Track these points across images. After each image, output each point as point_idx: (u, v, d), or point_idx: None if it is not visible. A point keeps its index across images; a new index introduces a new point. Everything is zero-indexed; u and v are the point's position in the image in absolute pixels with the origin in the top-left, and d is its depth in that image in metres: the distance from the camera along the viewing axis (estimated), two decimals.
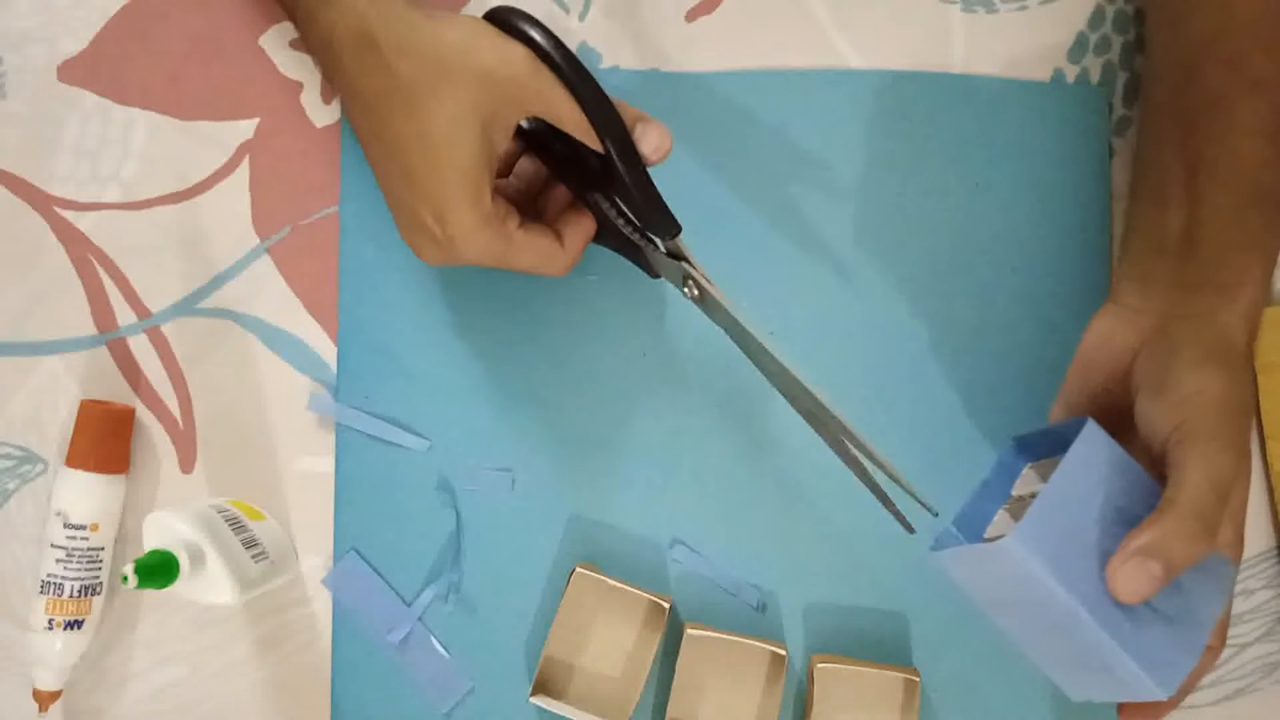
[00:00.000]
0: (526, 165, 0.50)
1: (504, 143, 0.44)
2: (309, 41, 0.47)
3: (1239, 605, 0.53)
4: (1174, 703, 0.44)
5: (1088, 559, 0.39)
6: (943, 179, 0.53)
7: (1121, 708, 0.46)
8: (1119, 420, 0.43)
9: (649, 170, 0.44)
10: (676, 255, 0.47)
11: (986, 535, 0.45)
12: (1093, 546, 0.39)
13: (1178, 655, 0.39)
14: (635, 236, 0.48)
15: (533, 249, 0.46)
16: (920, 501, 0.44)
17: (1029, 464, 0.46)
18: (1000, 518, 0.45)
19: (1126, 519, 0.39)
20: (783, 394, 0.46)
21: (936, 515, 0.44)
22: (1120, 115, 0.54)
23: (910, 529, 0.45)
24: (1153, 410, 0.41)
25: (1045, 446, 0.45)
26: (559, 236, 0.47)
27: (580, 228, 0.47)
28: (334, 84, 0.49)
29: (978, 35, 0.54)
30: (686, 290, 0.47)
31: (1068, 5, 0.54)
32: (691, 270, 0.47)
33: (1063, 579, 0.38)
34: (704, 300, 0.47)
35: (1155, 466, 0.41)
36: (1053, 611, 0.38)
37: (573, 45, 0.53)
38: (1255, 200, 0.43)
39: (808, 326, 0.53)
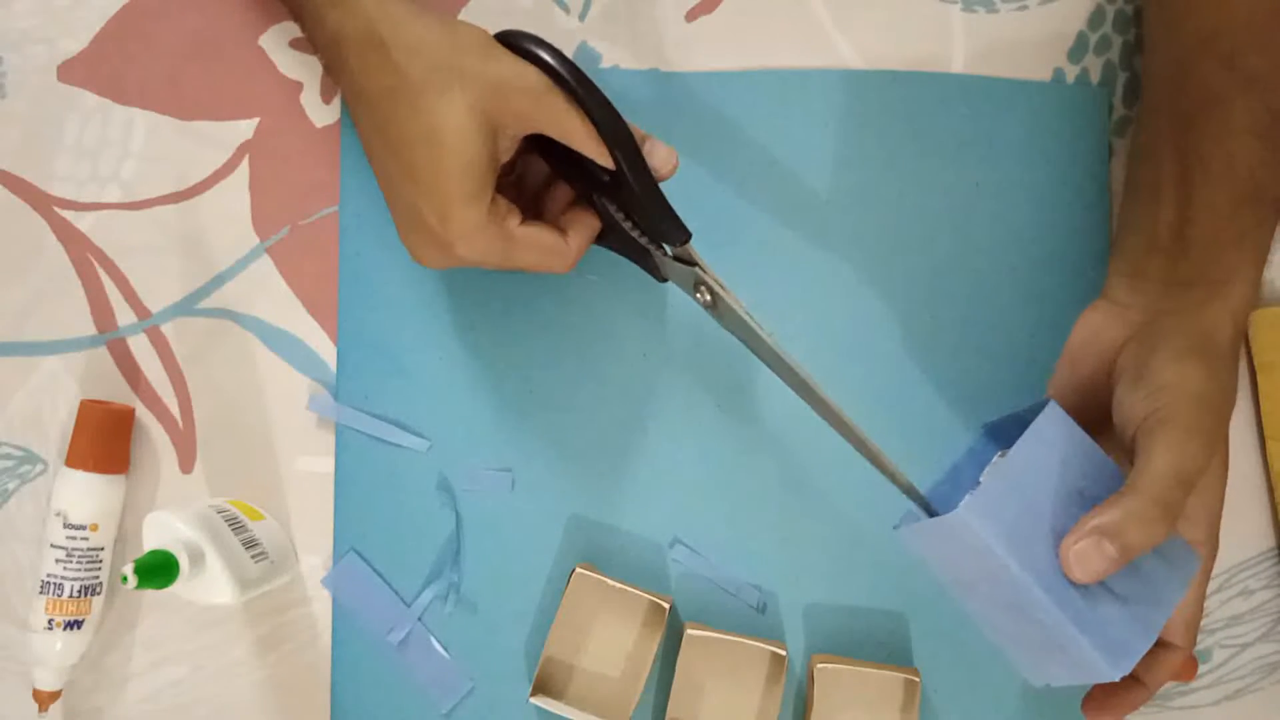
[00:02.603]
0: (528, 166, 0.50)
1: (509, 152, 0.45)
2: (314, 41, 0.47)
3: (1239, 605, 0.53)
4: (1142, 697, 0.44)
5: (1043, 536, 0.39)
6: (943, 179, 0.53)
7: (1084, 702, 0.46)
8: (1102, 414, 0.43)
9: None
10: (686, 260, 0.47)
11: None
12: (1049, 524, 0.39)
13: (1132, 637, 0.39)
14: (643, 240, 0.48)
15: (535, 245, 0.46)
16: (925, 505, 0.44)
17: (999, 451, 0.46)
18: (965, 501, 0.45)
19: (1087, 501, 0.40)
20: (797, 394, 0.46)
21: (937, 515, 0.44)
22: (1120, 115, 0.54)
23: (934, 513, 0.44)
24: (1129, 398, 0.41)
25: (1015, 433, 0.45)
26: (562, 233, 0.47)
27: (584, 224, 0.47)
28: (339, 83, 0.49)
29: (978, 35, 0.54)
30: (699, 296, 0.47)
31: (1068, 5, 0.54)
32: (704, 275, 0.46)
33: (1014, 552, 0.38)
34: (716, 306, 0.46)
35: (1127, 456, 0.41)
36: (1008, 589, 0.39)
37: (573, 45, 0.53)
38: (1248, 198, 0.44)
39: (806, 326, 0.53)
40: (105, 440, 0.51)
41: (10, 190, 0.53)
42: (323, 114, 0.54)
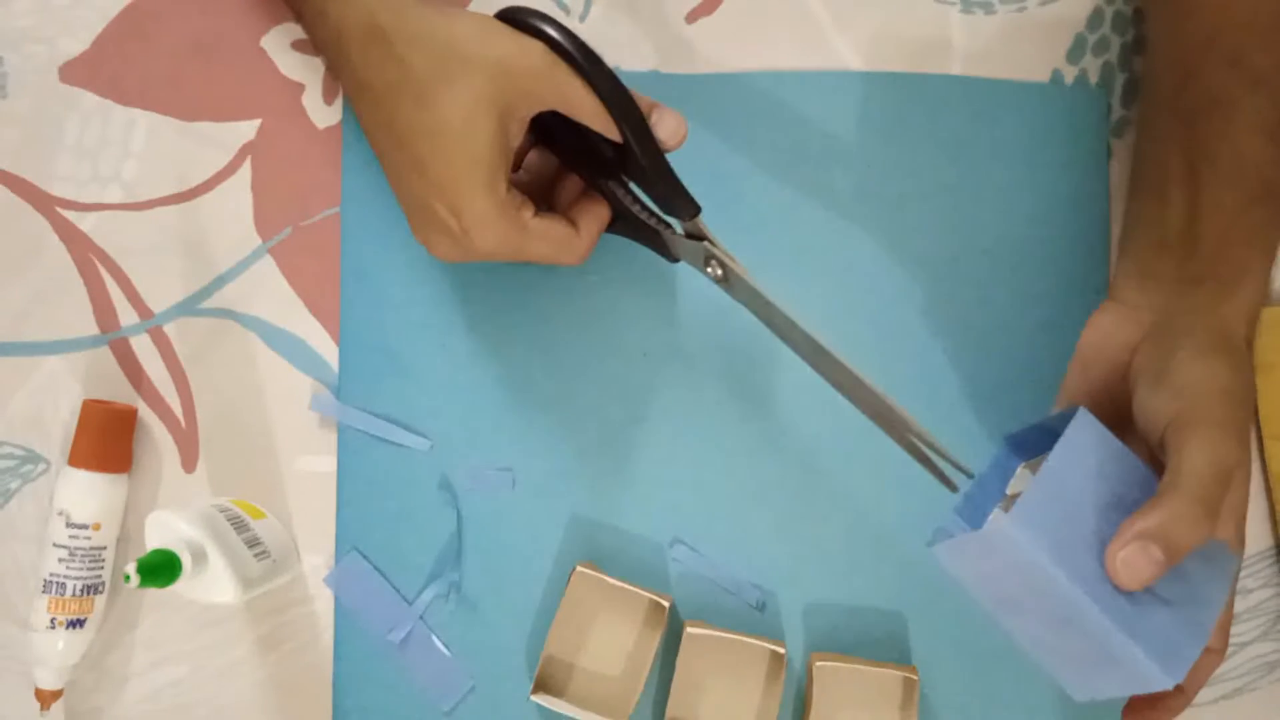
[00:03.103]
0: (537, 157, 0.50)
1: (519, 136, 0.44)
2: (316, 38, 0.47)
3: (1237, 605, 0.53)
4: (1181, 704, 0.44)
5: (1086, 544, 0.38)
6: (943, 179, 0.53)
7: (1124, 713, 0.45)
8: (1118, 417, 0.43)
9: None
10: (697, 236, 0.47)
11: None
12: (1090, 532, 0.38)
13: (1183, 642, 0.38)
14: (652, 221, 0.48)
15: (549, 237, 0.46)
16: (955, 464, 0.43)
17: (1023, 463, 0.46)
18: (996, 515, 0.45)
19: (1124, 506, 0.39)
20: (811, 366, 0.46)
21: (972, 477, 0.44)
22: (1119, 116, 0.54)
23: (953, 487, 0.44)
24: (1152, 400, 0.41)
25: (1039, 443, 0.45)
26: (574, 225, 0.47)
27: (595, 215, 0.47)
28: (341, 80, 0.49)
29: (977, 36, 0.54)
30: (709, 270, 0.47)
31: (1067, 6, 0.54)
32: (714, 249, 0.46)
33: (1061, 563, 0.37)
34: (727, 279, 0.47)
35: (1154, 459, 0.41)
36: (1053, 601, 0.38)
37: None
38: (1256, 196, 0.44)
39: (807, 326, 0.53)
40: (108, 440, 0.51)
41: (11, 190, 0.53)
42: (324, 115, 0.54)
